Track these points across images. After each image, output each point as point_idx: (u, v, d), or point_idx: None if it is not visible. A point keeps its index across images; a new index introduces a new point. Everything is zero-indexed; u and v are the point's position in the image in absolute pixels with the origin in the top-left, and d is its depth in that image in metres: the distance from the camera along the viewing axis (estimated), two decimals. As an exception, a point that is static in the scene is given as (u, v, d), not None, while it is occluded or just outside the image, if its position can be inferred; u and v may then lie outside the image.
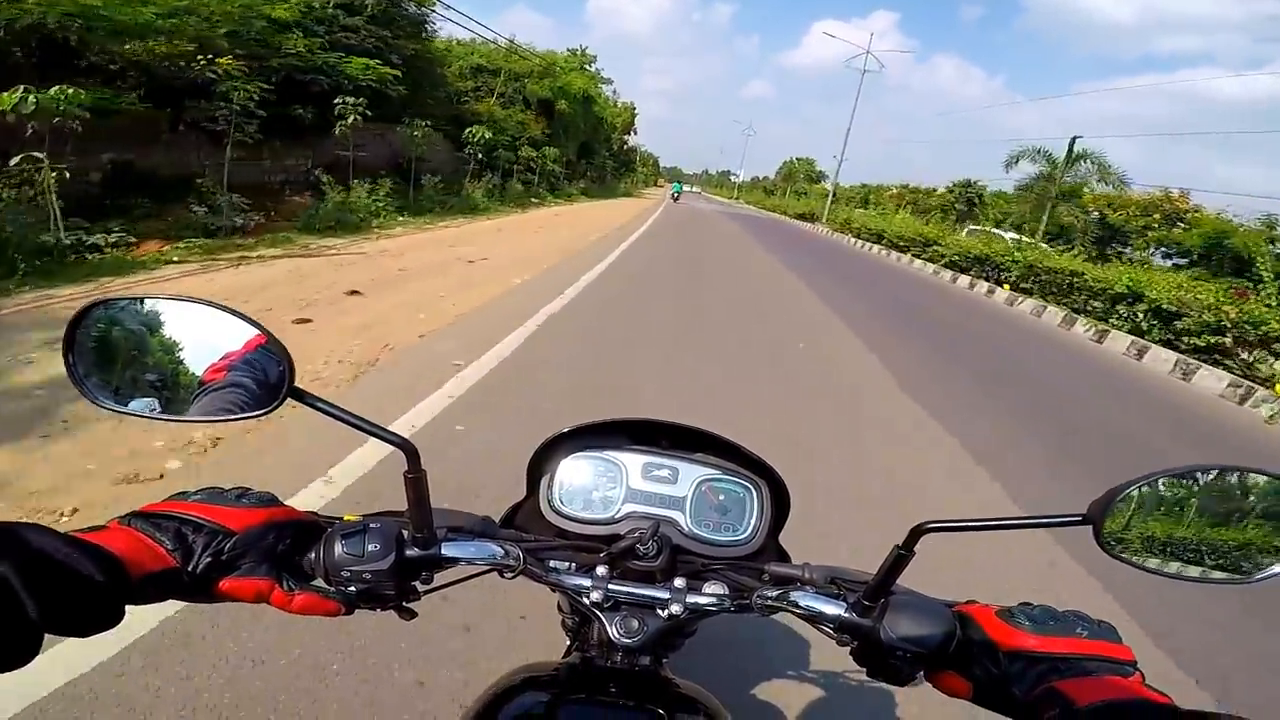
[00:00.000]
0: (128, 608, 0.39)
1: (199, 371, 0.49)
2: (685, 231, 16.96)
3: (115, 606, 0.38)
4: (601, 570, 0.61)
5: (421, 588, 0.55)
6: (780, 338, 5.77)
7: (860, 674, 0.55)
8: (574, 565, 0.62)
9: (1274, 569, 0.47)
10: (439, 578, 0.57)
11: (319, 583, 0.50)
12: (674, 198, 35.20)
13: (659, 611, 0.59)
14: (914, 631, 0.49)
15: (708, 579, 0.62)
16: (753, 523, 0.69)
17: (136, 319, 0.49)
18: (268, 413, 0.48)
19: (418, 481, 0.50)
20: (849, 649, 0.55)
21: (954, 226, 19.23)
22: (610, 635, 0.58)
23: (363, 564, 0.49)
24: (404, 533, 0.52)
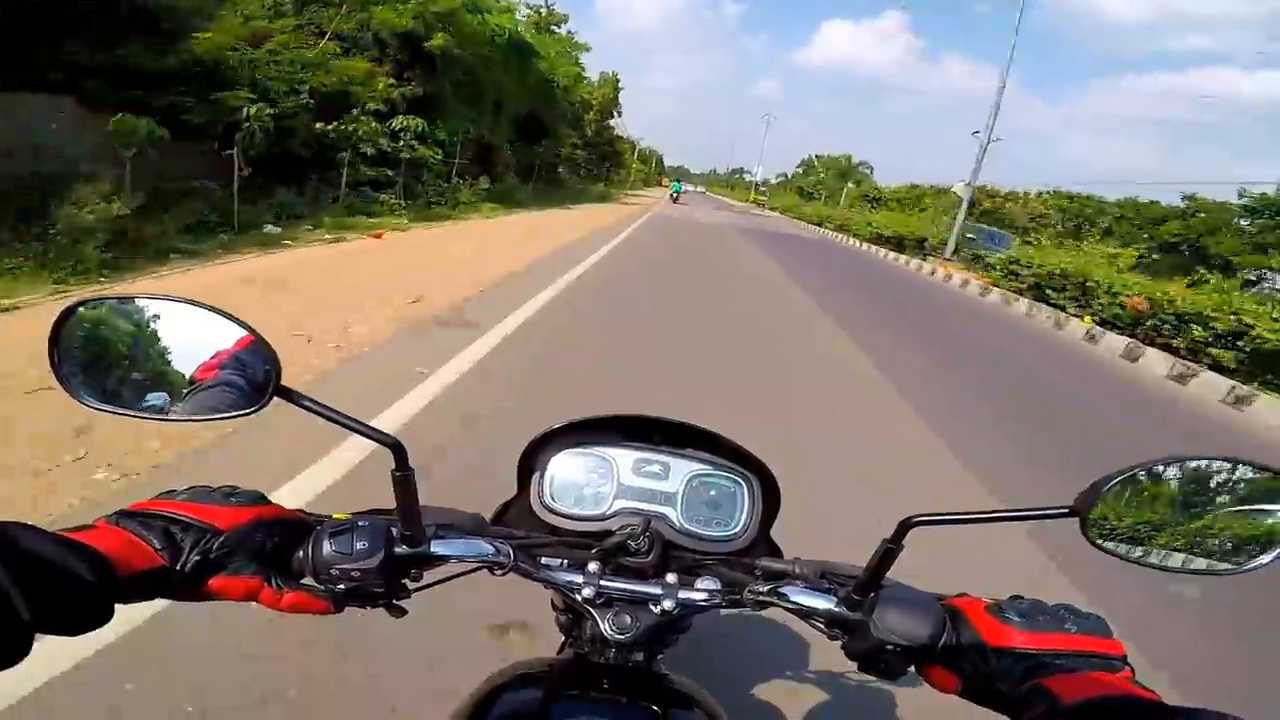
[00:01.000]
0: (117, 606, 0.39)
1: (187, 371, 0.49)
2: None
3: (104, 605, 0.38)
4: (593, 567, 0.60)
5: (411, 586, 0.55)
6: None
7: (853, 668, 0.55)
8: (565, 562, 0.62)
9: (1261, 559, 0.47)
10: (429, 575, 0.57)
11: (308, 581, 0.50)
12: (673, 198, 34.44)
13: (651, 607, 0.59)
14: (903, 626, 0.49)
15: (699, 574, 0.62)
16: (744, 518, 0.69)
17: (123, 318, 0.49)
18: (255, 412, 0.48)
19: (405, 480, 0.50)
20: (840, 643, 0.56)
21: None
22: (603, 632, 0.58)
23: (351, 562, 0.49)
24: (393, 531, 0.52)
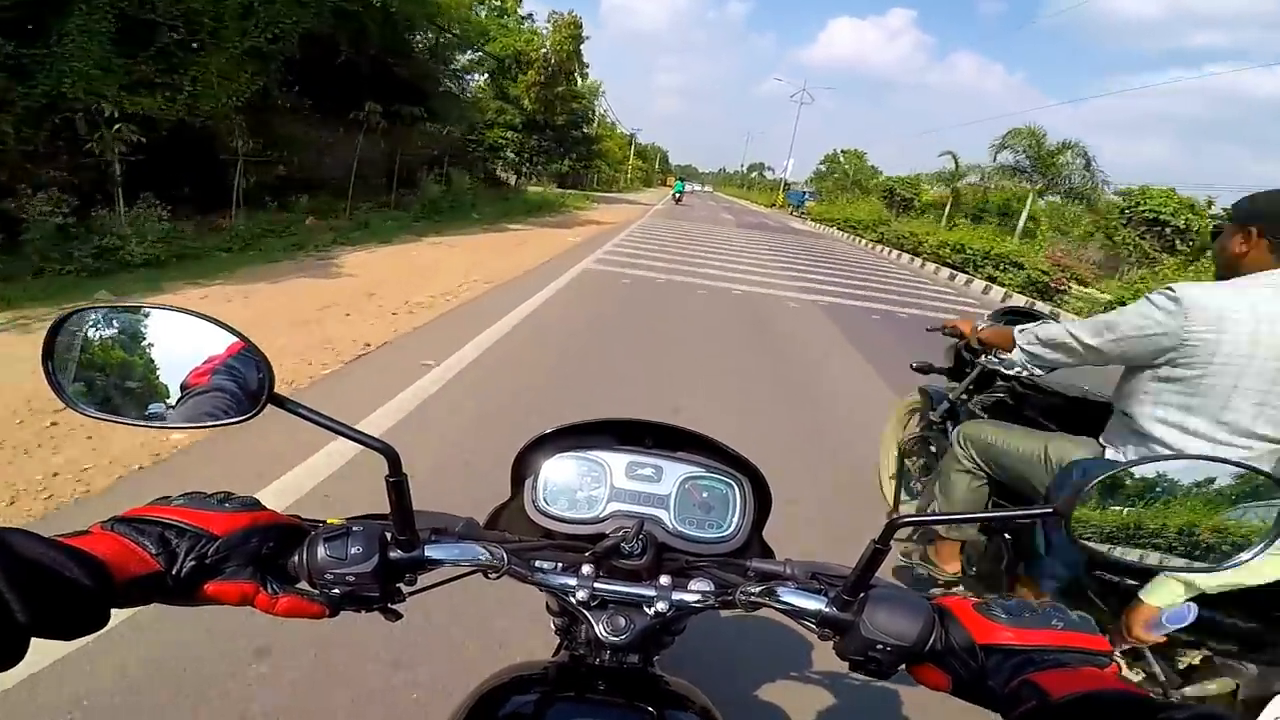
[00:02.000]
0: (112, 611, 0.40)
1: (180, 378, 0.49)
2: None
3: (100, 610, 0.39)
4: (587, 569, 0.61)
5: (406, 589, 0.55)
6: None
7: (845, 667, 0.56)
8: (560, 565, 0.62)
9: (1240, 556, 0.48)
10: (423, 579, 0.57)
11: (303, 585, 0.51)
12: (675, 198, 30.46)
13: (645, 609, 0.59)
14: (893, 625, 0.50)
15: (692, 576, 0.63)
16: (736, 520, 0.70)
17: (116, 326, 0.49)
18: (248, 419, 0.49)
19: (399, 484, 0.50)
20: (831, 643, 0.56)
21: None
22: (598, 634, 0.58)
23: (345, 566, 0.50)
24: (387, 535, 0.52)
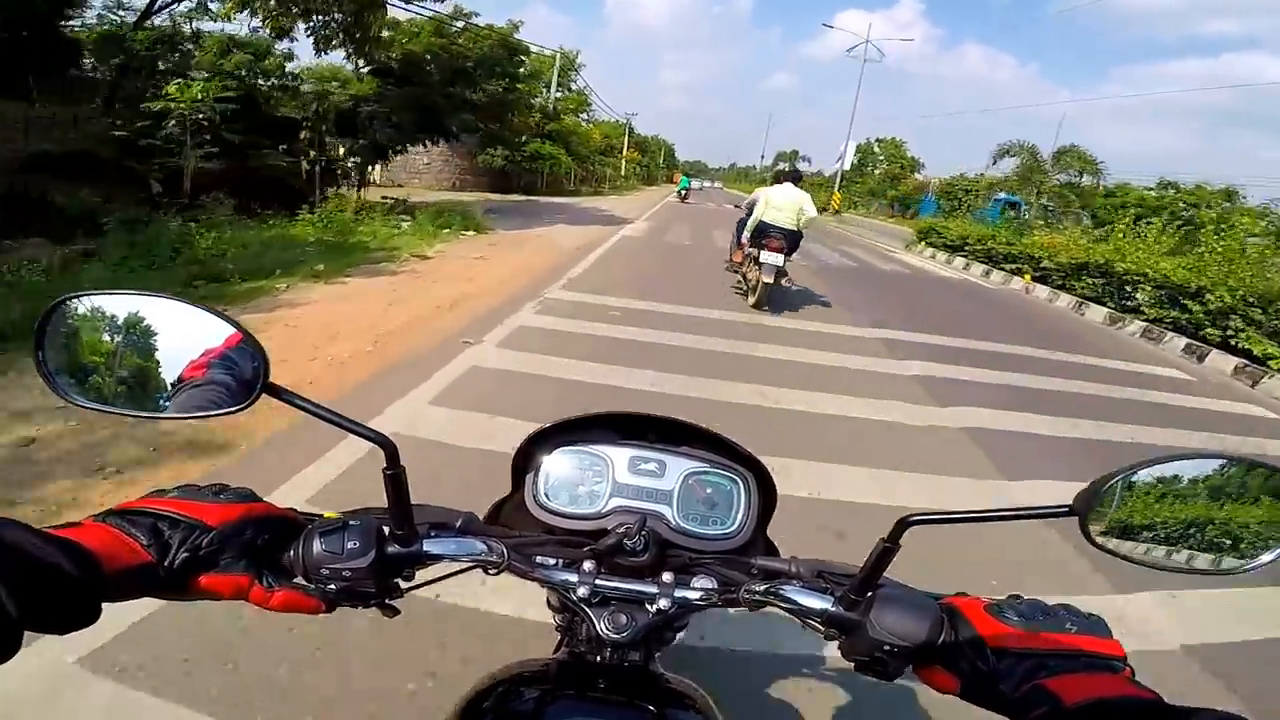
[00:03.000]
0: (104, 605, 0.39)
1: (176, 368, 0.48)
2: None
3: (91, 603, 0.38)
4: (588, 566, 0.60)
5: (404, 585, 0.55)
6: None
7: (850, 668, 0.55)
8: (561, 561, 0.61)
9: (1262, 558, 0.46)
10: (421, 575, 0.56)
11: (299, 580, 0.50)
12: (680, 195, 28.72)
13: (647, 606, 0.59)
14: (900, 626, 0.49)
15: (695, 573, 0.62)
16: (740, 516, 0.68)
17: (109, 315, 0.48)
18: (242, 409, 0.48)
19: (397, 478, 0.49)
20: (837, 643, 0.55)
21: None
22: (599, 631, 0.57)
23: (342, 561, 0.49)
24: (384, 530, 0.52)
